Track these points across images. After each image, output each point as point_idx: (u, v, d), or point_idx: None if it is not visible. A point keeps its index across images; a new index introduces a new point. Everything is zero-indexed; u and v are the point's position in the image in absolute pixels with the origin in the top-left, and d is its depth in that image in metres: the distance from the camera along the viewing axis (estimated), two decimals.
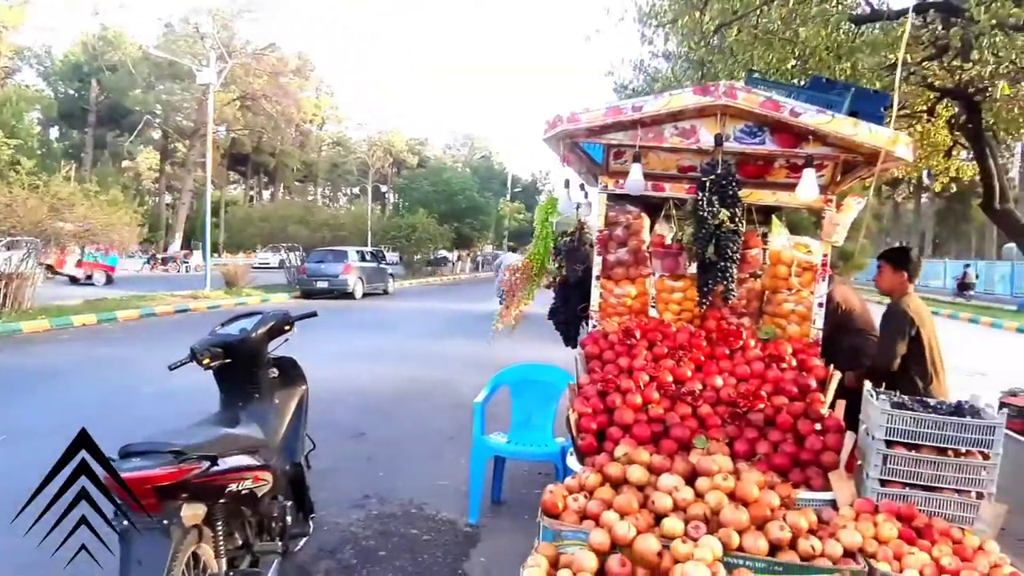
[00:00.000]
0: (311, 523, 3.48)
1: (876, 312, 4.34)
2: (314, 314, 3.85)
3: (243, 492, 2.77)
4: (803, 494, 2.87)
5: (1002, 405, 6.79)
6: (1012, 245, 28.84)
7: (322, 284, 19.98)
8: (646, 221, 4.11)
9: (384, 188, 54.46)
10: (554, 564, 2.58)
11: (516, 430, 4.46)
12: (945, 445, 2.85)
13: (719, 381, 3.37)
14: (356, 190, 58.89)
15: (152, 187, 51.73)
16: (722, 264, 3.43)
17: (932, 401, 3.07)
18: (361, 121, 68.82)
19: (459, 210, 37.48)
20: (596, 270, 4.00)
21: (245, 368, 3.17)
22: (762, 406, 3.22)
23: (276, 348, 3.42)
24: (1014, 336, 15.60)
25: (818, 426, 3.13)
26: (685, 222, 3.57)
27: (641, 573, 2.48)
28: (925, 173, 7.14)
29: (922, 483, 2.86)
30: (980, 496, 2.82)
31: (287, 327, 3.38)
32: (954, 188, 7.37)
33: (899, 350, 3.76)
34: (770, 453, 3.05)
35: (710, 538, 2.49)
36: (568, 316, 4.40)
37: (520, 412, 4.50)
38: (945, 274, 29.43)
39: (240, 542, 2.93)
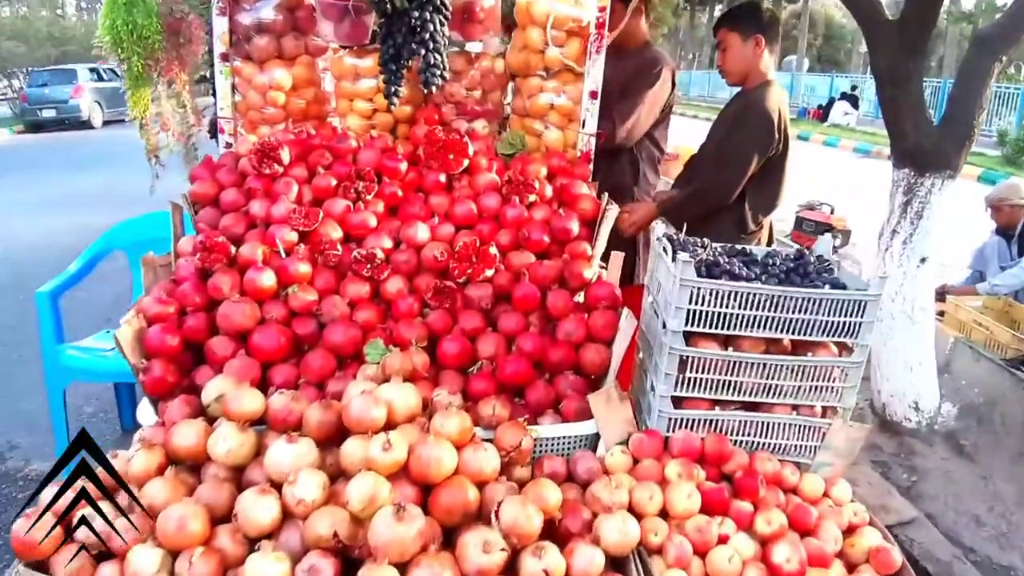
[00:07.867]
0: None
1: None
2: None
3: None
4: (546, 430, 1.61)
5: (799, 221, 6.22)
6: (791, 58, 29.93)
7: (49, 112, 16.53)
8: None
9: None
10: None
11: None
12: (776, 335, 1.65)
13: (423, 232, 1.92)
14: None
15: None
16: (416, 16, 1.84)
17: (757, 252, 1.86)
18: None
19: None
20: (220, 44, 2.24)
21: None
22: (491, 271, 1.85)
23: None
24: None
25: (580, 298, 1.85)
26: None
27: None
28: None
29: (742, 399, 1.69)
30: (826, 412, 1.72)
31: None
32: None
33: (750, 170, 2.47)
34: (499, 355, 1.73)
35: None
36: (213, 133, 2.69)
37: None
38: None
39: None
